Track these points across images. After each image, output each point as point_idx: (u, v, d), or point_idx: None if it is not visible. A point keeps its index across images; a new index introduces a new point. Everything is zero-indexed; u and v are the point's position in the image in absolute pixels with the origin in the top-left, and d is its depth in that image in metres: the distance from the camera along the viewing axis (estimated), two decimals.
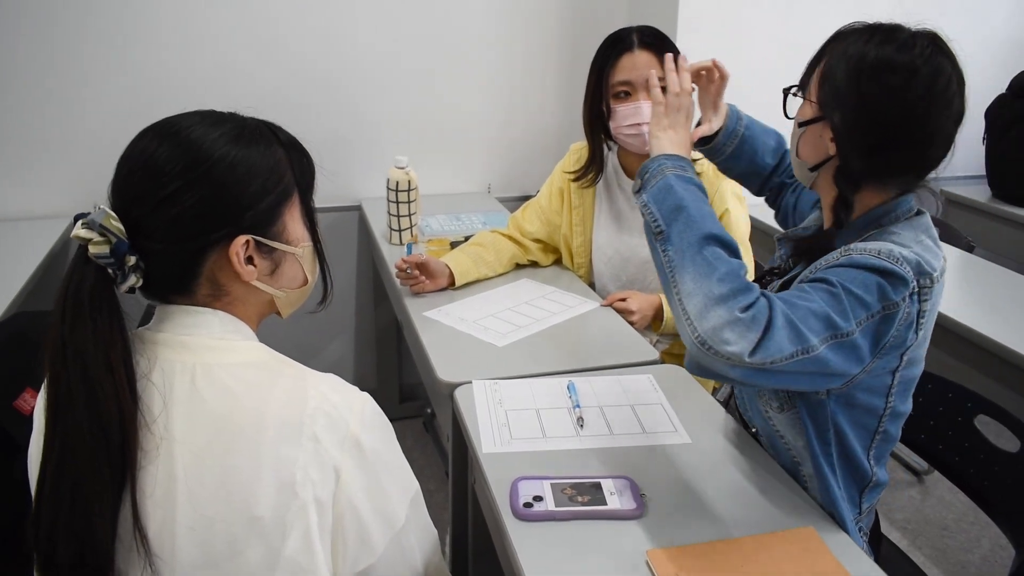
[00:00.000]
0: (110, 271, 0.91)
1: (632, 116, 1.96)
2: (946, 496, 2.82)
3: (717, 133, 1.57)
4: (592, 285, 2.24)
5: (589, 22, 3.01)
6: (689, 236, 1.16)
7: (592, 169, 2.13)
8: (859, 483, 1.33)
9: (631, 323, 1.96)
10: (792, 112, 1.33)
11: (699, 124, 1.61)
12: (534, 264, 2.30)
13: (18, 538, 0.90)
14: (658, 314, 2.03)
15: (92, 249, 0.89)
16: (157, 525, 0.90)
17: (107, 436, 0.88)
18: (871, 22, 1.24)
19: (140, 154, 0.94)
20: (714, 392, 2.21)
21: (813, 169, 1.30)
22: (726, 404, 1.54)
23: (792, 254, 1.41)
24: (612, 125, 2.01)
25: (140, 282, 0.94)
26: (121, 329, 0.91)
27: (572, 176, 2.17)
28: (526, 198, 2.55)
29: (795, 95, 1.32)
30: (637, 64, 1.95)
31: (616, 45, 1.99)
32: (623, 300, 2.02)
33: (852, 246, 1.21)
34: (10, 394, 1.48)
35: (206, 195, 0.93)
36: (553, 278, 2.22)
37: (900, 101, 1.17)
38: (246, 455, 0.90)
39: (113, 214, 0.91)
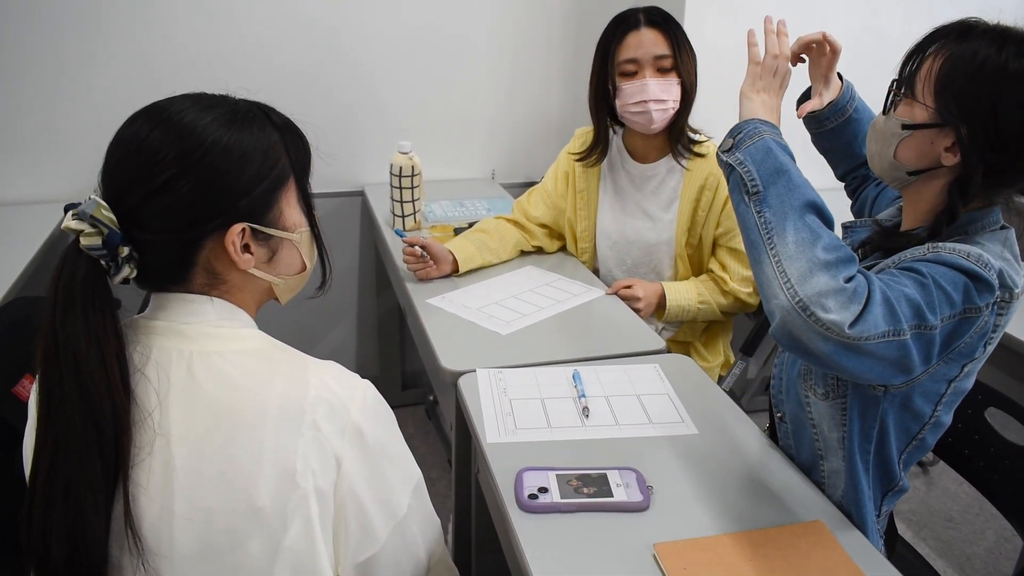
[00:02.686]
0: (103, 263, 0.89)
1: (638, 94, 1.95)
2: (951, 487, 2.81)
3: (827, 106, 1.54)
4: (596, 271, 2.22)
5: (594, 7, 2.98)
6: (791, 200, 1.12)
7: (597, 149, 2.12)
8: (885, 486, 1.31)
9: (636, 310, 1.95)
10: (889, 107, 1.25)
11: (807, 97, 1.59)
12: (539, 251, 2.29)
13: (18, 530, 0.89)
14: (661, 302, 2.02)
15: (83, 240, 0.87)
16: (153, 517, 0.88)
17: (100, 431, 0.86)
18: (993, 23, 1.16)
19: (131, 141, 0.91)
20: (720, 381, 2.20)
21: (912, 174, 1.23)
22: (743, 394, 1.52)
23: (871, 240, 1.35)
24: (618, 104, 2.00)
25: (134, 273, 0.92)
26: (114, 322, 0.89)
27: (577, 157, 2.16)
28: (530, 184, 2.53)
29: (901, 94, 1.23)
30: (643, 41, 1.94)
31: (622, 24, 1.98)
32: (628, 287, 2.00)
33: (939, 244, 1.16)
34: (9, 381, 1.46)
35: (201, 182, 0.90)
36: (558, 265, 2.20)
37: None
38: (246, 444, 0.89)
39: (104, 204, 0.88)
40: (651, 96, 1.93)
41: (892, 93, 1.24)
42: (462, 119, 3.05)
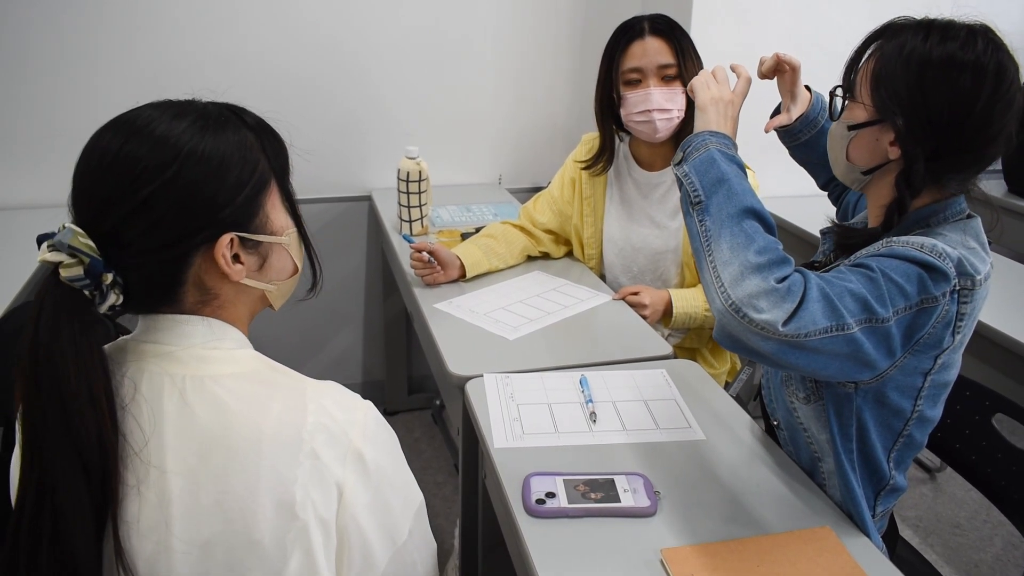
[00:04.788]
0: (86, 292, 0.84)
1: (642, 103, 1.95)
2: (958, 494, 2.80)
3: (796, 120, 1.56)
4: (602, 277, 2.22)
5: (601, 13, 2.99)
6: (729, 208, 1.15)
7: (603, 157, 2.12)
8: (876, 484, 1.31)
9: (643, 317, 1.95)
10: (838, 113, 1.29)
11: (777, 112, 1.60)
12: (546, 256, 2.29)
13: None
14: (668, 309, 2.02)
15: (64, 272, 0.82)
16: (150, 552, 0.85)
17: (88, 471, 0.82)
18: (919, 18, 1.20)
19: (101, 156, 0.86)
20: (727, 386, 2.20)
21: (867, 173, 1.26)
22: (750, 401, 1.52)
23: (835, 246, 1.37)
24: (623, 113, 2.00)
25: (120, 299, 0.87)
26: (101, 357, 0.85)
27: (583, 165, 2.16)
28: (537, 189, 2.54)
29: (842, 97, 1.28)
30: (648, 51, 1.94)
31: (627, 32, 1.98)
32: (635, 294, 2.00)
33: (895, 239, 1.18)
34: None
35: (183, 195, 0.86)
36: (564, 270, 2.20)
37: (969, 102, 1.13)
38: (242, 475, 0.85)
39: (80, 231, 0.83)
40: (655, 105, 1.93)
41: (840, 99, 1.29)
42: (469, 124, 3.06)
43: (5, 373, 1.50)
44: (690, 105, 1.98)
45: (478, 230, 2.30)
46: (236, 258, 0.93)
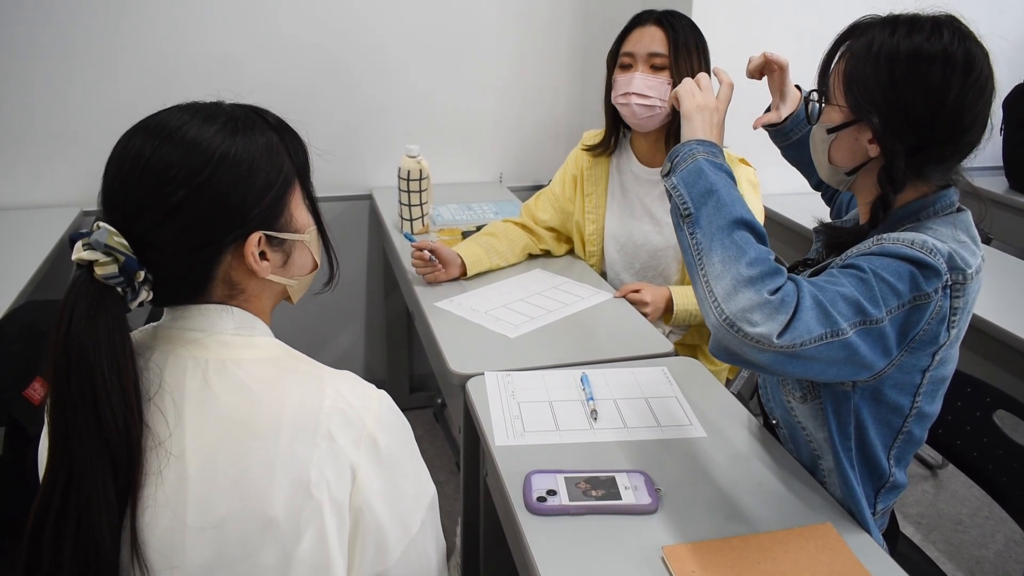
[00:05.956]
0: (119, 290, 0.87)
1: (624, 86, 1.97)
2: (960, 491, 2.80)
3: (786, 119, 1.56)
4: (603, 274, 2.22)
5: (602, 10, 2.99)
6: (719, 219, 1.14)
7: (611, 141, 2.15)
8: (875, 482, 1.31)
9: (644, 314, 1.94)
10: (815, 117, 1.29)
11: (768, 110, 1.60)
12: (547, 254, 2.29)
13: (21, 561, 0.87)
14: (669, 306, 2.02)
15: (99, 271, 0.85)
16: (165, 528, 0.87)
17: (115, 464, 0.85)
18: (883, 15, 1.21)
19: (134, 160, 0.88)
20: (728, 384, 2.20)
21: (850, 173, 1.27)
22: (750, 398, 1.52)
23: (825, 245, 1.37)
24: (612, 96, 2.03)
25: (151, 296, 0.91)
26: (132, 352, 0.88)
27: (587, 147, 2.18)
28: (538, 187, 2.53)
29: (818, 101, 1.28)
30: (643, 37, 1.97)
31: (634, 20, 2.02)
32: (636, 291, 2.00)
33: (885, 235, 1.18)
34: (20, 384, 1.47)
35: (214, 199, 0.89)
36: (566, 268, 2.20)
37: (941, 93, 1.13)
38: (260, 454, 0.88)
39: (115, 230, 0.86)
40: (634, 89, 1.94)
41: (815, 103, 1.28)
42: (470, 122, 3.05)
43: (4, 373, 1.51)
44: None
45: (479, 228, 2.30)
46: (262, 255, 0.96)
